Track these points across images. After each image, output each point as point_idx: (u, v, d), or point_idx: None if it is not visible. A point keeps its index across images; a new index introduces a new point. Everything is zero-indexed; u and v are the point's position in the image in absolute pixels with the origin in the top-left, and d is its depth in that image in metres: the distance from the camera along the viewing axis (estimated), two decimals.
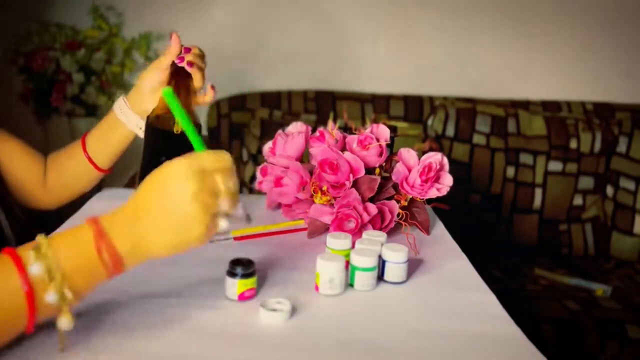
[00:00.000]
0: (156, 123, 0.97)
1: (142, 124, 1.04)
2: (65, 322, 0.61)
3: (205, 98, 1.04)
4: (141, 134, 1.05)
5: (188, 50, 1.01)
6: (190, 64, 1.00)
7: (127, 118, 1.05)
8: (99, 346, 0.67)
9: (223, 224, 0.66)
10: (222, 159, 0.66)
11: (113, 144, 1.08)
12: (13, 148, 1.08)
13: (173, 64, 1.01)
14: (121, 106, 1.05)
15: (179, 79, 1.02)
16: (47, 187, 1.12)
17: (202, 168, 0.64)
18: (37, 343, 0.66)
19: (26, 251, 0.60)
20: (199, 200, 0.62)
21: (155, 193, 0.64)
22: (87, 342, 0.68)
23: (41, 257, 0.59)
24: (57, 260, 0.60)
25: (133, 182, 1.66)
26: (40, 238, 0.61)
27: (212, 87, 1.03)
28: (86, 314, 0.73)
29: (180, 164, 0.63)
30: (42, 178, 1.11)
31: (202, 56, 1.02)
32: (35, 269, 0.59)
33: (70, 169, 1.11)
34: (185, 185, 0.62)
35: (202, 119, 2.07)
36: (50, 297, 0.59)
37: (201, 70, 1.02)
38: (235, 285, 0.78)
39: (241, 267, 0.78)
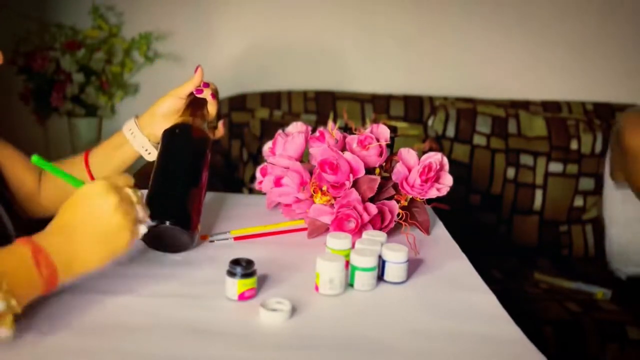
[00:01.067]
0: (175, 127, 1.00)
1: (148, 146, 1.06)
2: (4, 331, 0.63)
3: (217, 133, 1.09)
4: (146, 155, 1.07)
5: (207, 85, 1.05)
6: (199, 91, 1.04)
7: (134, 138, 1.06)
8: (99, 346, 0.67)
9: (142, 228, 0.76)
10: (125, 177, 0.77)
11: (117, 163, 1.08)
12: (9, 155, 1.07)
13: (190, 95, 1.05)
14: (131, 127, 1.06)
15: (193, 109, 1.06)
16: (41, 197, 1.12)
17: (116, 184, 0.74)
18: None
19: None
20: (121, 211, 0.72)
21: (79, 211, 0.72)
22: (86, 343, 0.67)
23: None
24: (3, 272, 0.63)
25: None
26: None
27: (223, 123, 1.10)
28: (84, 315, 0.73)
29: (96, 184, 0.73)
30: (36, 188, 1.11)
31: (216, 92, 1.07)
32: None
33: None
34: (107, 199, 0.71)
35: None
36: None
37: (215, 104, 1.06)
38: (235, 285, 0.78)
39: (241, 267, 0.78)
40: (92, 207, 0.71)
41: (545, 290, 1.80)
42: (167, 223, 0.87)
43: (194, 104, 1.06)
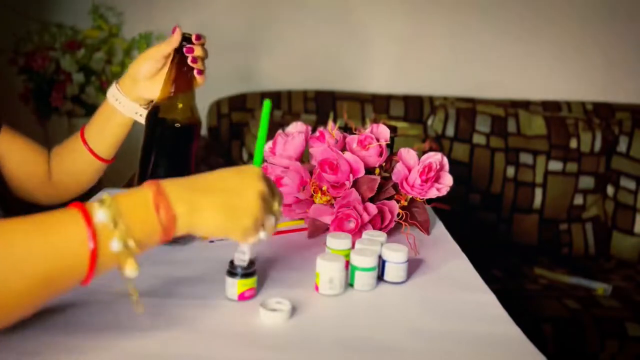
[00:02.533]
0: (159, 112, 0.95)
1: (140, 110, 1.03)
2: (131, 270, 0.62)
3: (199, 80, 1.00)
4: (140, 120, 1.03)
5: (199, 37, 0.96)
6: (195, 60, 0.96)
7: (123, 106, 1.03)
8: (99, 346, 0.67)
9: (262, 234, 0.72)
10: (281, 193, 0.76)
11: (112, 134, 1.06)
12: (17, 145, 1.07)
13: (176, 54, 0.97)
14: (115, 94, 1.03)
15: (179, 77, 0.97)
16: (53, 182, 1.11)
17: (270, 184, 0.73)
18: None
19: (92, 204, 0.62)
20: (263, 198, 0.70)
21: (228, 176, 0.71)
22: (86, 343, 0.68)
23: (105, 207, 0.61)
24: (120, 211, 0.61)
25: (133, 182, 1.66)
26: (104, 194, 0.63)
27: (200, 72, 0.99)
28: (85, 315, 0.73)
29: (257, 168, 0.73)
30: (47, 173, 1.10)
31: (203, 45, 0.99)
32: (101, 216, 0.60)
33: (74, 163, 1.10)
34: (258, 182, 0.70)
35: (202, 118, 2.06)
36: (114, 244, 0.60)
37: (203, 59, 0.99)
38: (235, 285, 0.78)
39: (241, 266, 0.78)
40: (242, 178, 0.70)
41: (545, 287, 1.80)
42: None
43: (180, 68, 0.96)
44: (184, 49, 0.95)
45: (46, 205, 1.12)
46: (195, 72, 0.97)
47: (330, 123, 1.11)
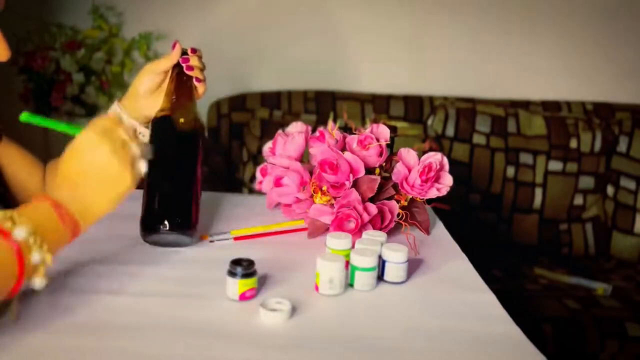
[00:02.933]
0: (162, 121, 0.96)
1: (140, 129, 1.03)
2: (40, 281, 0.66)
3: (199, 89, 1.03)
4: (141, 138, 1.02)
5: (194, 50, 1.01)
6: (190, 68, 0.99)
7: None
8: (99, 345, 0.67)
9: (142, 167, 0.77)
10: (113, 116, 0.78)
11: None
12: (14, 155, 1.07)
13: (175, 68, 0.99)
14: (117, 112, 1.03)
15: (179, 89, 0.99)
16: None
17: (105, 128, 0.74)
18: None
19: (5, 220, 0.65)
20: (116, 156, 0.73)
21: (76, 164, 0.73)
22: (86, 343, 0.68)
23: (23, 222, 0.65)
24: (34, 225, 0.65)
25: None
26: (6, 212, 0.66)
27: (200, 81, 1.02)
28: (85, 315, 0.73)
29: (87, 134, 0.74)
30: (41, 186, 1.10)
31: (200, 58, 1.02)
32: (20, 232, 0.64)
33: None
34: (100, 148, 0.73)
35: (203, 118, 2.06)
36: (35, 258, 0.64)
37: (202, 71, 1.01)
38: (236, 285, 0.78)
39: (242, 267, 0.78)
40: (87, 157, 0.73)
41: (545, 287, 1.80)
42: (167, 228, 0.90)
43: (180, 79, 0.99)
44: (180, 60, 0.98)
45: None
46: (194, 80, 0.99)
47: (330, 123, 1.11)
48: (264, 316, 0.74)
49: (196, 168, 0.95)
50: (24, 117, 0.76)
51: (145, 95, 1.01)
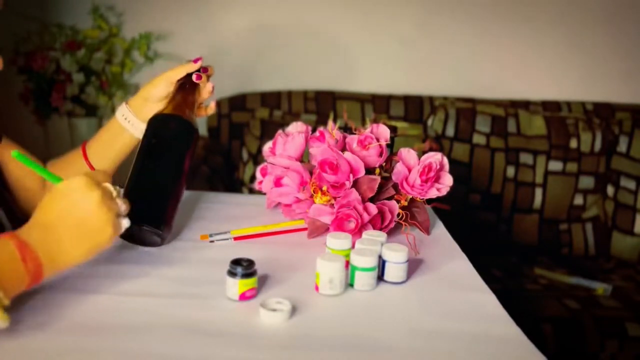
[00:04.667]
0: (160, 117, 0.98)
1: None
2: (1, 321, 0.64)
3: (208, 111, 1.09)
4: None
5: (206, 70, 1.04)
6: (199, 76, 1.03)
7: (133, 126, 1.05)
8: (99, 346, 0.67)
9: (125, 222, 0.77)
10: (103, 173, 0.78)
11: (117, 151, 1.08)
12: (12, 158, 1.07)
13: (181, 79, 1.03)
14: (125, 114, 1.05)
15: (184, 94, 1.02)
16: None
17: (96, 180, 0.75)
18: None
19: None
20: (104, 206, 0.73)
21: (58, 207, 0.72)
22: (86, 343, 0.68)
23: None
24: None
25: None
26: None
27: (216, 103, 1.10)
28: (85, 315, 0.73)
29: (77, 180, 0.73)
30: (41, 187, 1.10)
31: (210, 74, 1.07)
32: None
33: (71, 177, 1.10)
34: (90, 195, 0.72)
35: (202, 118, 2.06)
36: None
37: (210, 87, 1.06)
38: (236, 285, 0.78)
39: (242, 267, 0.78)
40: (73, 202, 0.72)
41: (545, 287, 1.80)
42: (142, 226, 0.86)
43: (185, 86, 1.03)
44: (194, 76, 1.02)
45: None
46: (205, 82, 1.04)
47: (330, 123, 1.11)
48: (264, 316, 0.74)
49: (182, 168, 0.95)
50: (15, 154, 0.75)
51: (157, 100, 1.04)
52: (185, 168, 0.96)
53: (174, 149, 0.95)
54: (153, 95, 1.03)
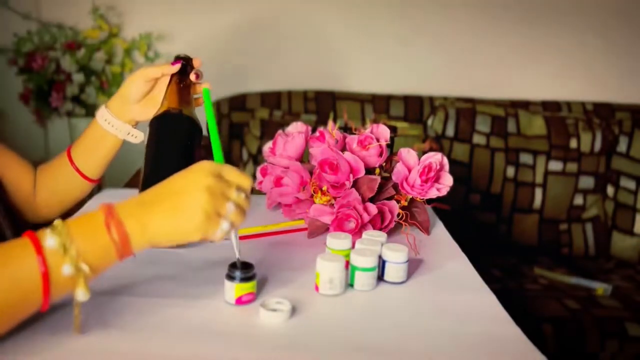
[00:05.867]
0: (163, 116, 0.97)
1: (132, 131, 1.06)
2: (82, 293, 0.63)
3: (199, 101, 1.07)
4: (133, 140, 1.06)
5: (197, 76, 1.03)
6: (197, 75, 1.03)
7: (115, 128, 1.04)
8: (97, 346, 0.67)
9: (225, 225, 0.70)
10: (244, 177, 0.72)
11: (102, 155, 1.07)
12: (4, 160, 1.06)
13: (174, 76, 1.02)
14: (106, 117, 1.04)
15: (182, 94, 1.02)
16: (38, 201, 1.10)
17: (223, 175, 0.71)
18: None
19: (43, 231, 0.63)
20: (209, 192, 0.68)
21: (174, 179, 0.69)
22: (87, 344, 0.68)
23: (56, 233, 0.62)
24: (71, 236, 0.63)
25: (133, 182, 1.66)
26: (57, 220, 0.64)
27: (217, 103, 1.08)
28: (85, 315, 0.73)
29: (207, 163, 0.70)
30: (32, 191, 1.09)
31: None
32: (50, 242, 0.62)
33: (60, 182, 1.09)
34: (204, 178, 0.68)
35: (202, 119, 2.06)
36: (65, 269, 0.62)
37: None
38: (233, 289, 0.77)
39: (240, 270, 0.77)
40: (186, 177, 0.69)
41: (544, 287, 1.80)
42: None
43: (180, 85, 1.02)
44: (192, 76, 1.02)
45: (32, 222, 1.11)
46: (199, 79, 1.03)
47: (330, 123, 1.11)
48: (264, 316, 0.74)
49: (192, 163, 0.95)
50: (206, 90, 0.76)
51: (135, 100, 1.03)
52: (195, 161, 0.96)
53: (179, 146, 0.95)
54: (130, 94, 1.02)
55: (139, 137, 1.06)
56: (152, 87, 1.03)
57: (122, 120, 1.04)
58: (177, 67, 1.01)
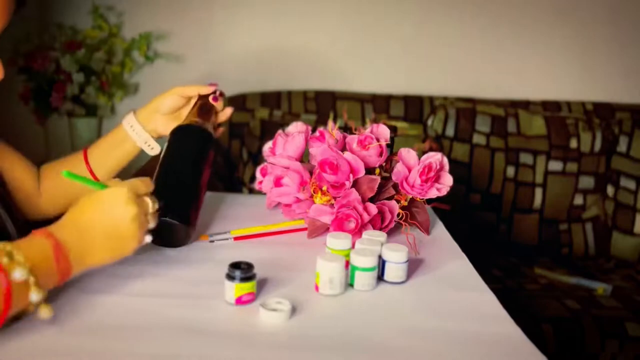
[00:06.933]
0: (184, 127, 1.01)
1: (151, 142, 1.08)
2: (47, 311, 0.67)
3: (216, 133, 1.11)
4: (149, 151, 1.09)
5: (222, 94, 1.11)
6: (215, 99, 1.09)
7: (137, 134, 1.07)
8: (98, 346, 0.67)
9: (148, 238, 0.79)
10: (147, 183, 0.81)
11: (117, 158, 1.09)
12: (7, 157, 1.06)
13: (200, 98, 1.08)
14: (132, 123, 1.07)
15: (202, 113, 1.06)
16: (42, 200, 1.11)
17: (138, 193, 0.78)
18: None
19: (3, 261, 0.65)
20: (137, 221, 0.76)
21: (97, 214, 0.75)
22: (84, 343, 0.68)
23: (19, 263, 0.65)
24: (31, 265, 0.66)
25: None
26: (6, 245, 0.66)
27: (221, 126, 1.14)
28: (85, 316, 0.73)
29: (120, 190, 0.76)
30: (35, 190, 1.10)
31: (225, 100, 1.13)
32: (19, 274, 0.64)
33: (69, 180, 1.10)
34: (127, 208, 0.75)
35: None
36: (34, 296, 0.65)
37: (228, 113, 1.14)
38: (233, 289, 0.77)
39: (240, 270, 0.77)
40: (111, 213, 0.75)
41: (544, 287, 1.80)
42: (168, 218, 0.87)
43: (203, 108, 1.07)
44: (212, 98, 1.08)
45: (31, 220, 1.12)
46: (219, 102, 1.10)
47: (330, 123, 1.11)
48: (264, 316, 0.74)
49: (203, 171, 0.98)
50: (65, 174, 0.78)
51: (165, 113, 1.07)
52: (205, 174, 0.98)
53: (192, 157, 0.98)
54: (163, 106, 1.06)
55: (156, 149, 1.09)
56: (184, 104, 1.08)
57: (146, 130, 1.07)
58: (212, 89, 1.07)
